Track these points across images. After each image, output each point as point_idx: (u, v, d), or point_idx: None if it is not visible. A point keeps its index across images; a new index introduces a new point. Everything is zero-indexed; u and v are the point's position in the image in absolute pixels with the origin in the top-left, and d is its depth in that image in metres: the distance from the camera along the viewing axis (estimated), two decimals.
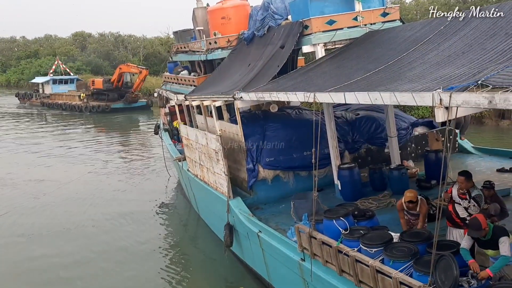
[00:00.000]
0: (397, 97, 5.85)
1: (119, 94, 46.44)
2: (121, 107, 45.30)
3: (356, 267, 6.47)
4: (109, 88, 46.74)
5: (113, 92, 46.56)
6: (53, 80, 55.05)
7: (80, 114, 46.55)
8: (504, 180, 9.76)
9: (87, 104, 46.92)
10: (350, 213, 7.48)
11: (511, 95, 4.32)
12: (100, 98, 47.16)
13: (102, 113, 44.92)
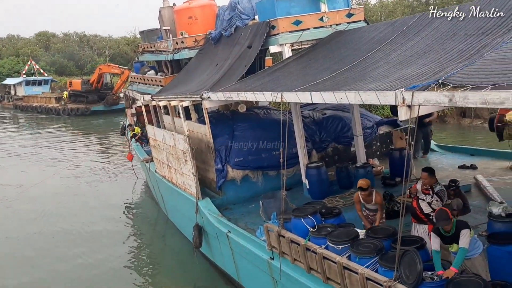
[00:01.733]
0: (362, 96, 5.96)
1: (99, 96, 44.36)
2: (102, 109, 43.30)
3: (324, 264, 6.54)
4: (88, 89, 44.66)
5: (93, 94, 44.55)
6: (26, 81, 52.51)
7: (58, 117, 44.80)
8: (465, 176, 10.07)
9: (64, 106, 44.83)
10: (317, 211, 7.56)
11: (470, 93, 4.46)
12: (79, 101, 45.04)
13: (82, 116, 43.11)
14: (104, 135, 33.74)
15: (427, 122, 11.80)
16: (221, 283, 10.88)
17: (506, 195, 8.44)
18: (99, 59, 66.85)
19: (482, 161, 10.80)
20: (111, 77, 45.50)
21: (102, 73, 43.67)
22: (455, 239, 5.53)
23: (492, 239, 5.82)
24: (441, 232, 5.65)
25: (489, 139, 13.35)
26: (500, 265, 5.70)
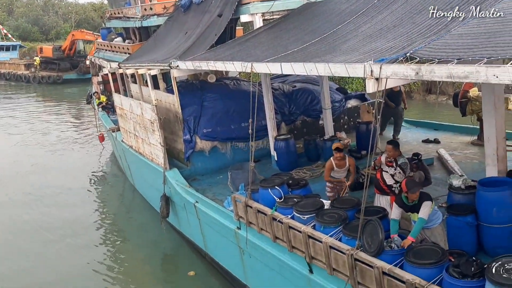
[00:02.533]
0: (331, 68, 5.96)
1: (71, 64, 42.49)
2: (75, 78, 41.47)
3: (289, 234, 6.65)
4: (60, 56, 42.73)
5: (65, 61, 42.68)
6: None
7: (28, 85, 42.88)
8: (428, 150, 10.34)
9: (35, 74, 42.87)
10: (284, 182, 7.64)
11: (436, 67, 4.52)
12: (50, 68, 43.14)
13: (53, 85, 41.43)
14: (76, 104, 32.89)
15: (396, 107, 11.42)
16: (189, 253, 10.96)
17: (466, 169, 8.74)
18: (65, 25, 64.37)
19: (445, 135, 11.08)
20: (84, 44, 43.62)
21: (74, 39, 41.83)
22: (416, 209, 5.70)
23: (451, 210, 6.04)
24: (404, 202, 5.80)
25: (453, 115, 13.70)
26: (458, 235, 5.93)
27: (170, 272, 10.52)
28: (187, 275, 9.77)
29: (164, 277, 10.41)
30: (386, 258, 5.26)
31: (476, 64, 4.20)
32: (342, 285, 5.68)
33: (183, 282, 9.79)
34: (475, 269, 4.56)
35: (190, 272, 9.83)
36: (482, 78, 4.14)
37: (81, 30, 43.43)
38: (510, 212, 5.63)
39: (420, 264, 4.87)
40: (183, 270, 10.25)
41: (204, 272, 9.97)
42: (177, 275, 10.22)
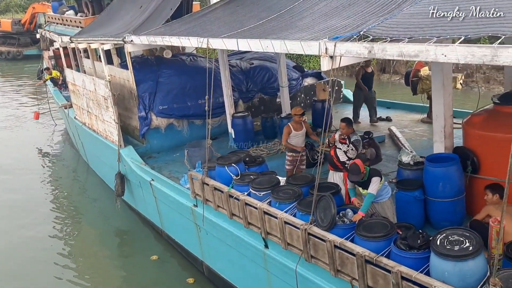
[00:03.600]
0: (287, 45, 5.97)
1: (32, 39, 39.44)
2: (36, 53, 38.19)
3: (246, 210, 6.72)
4: (20, 31, 40.00)
5: (25, 36, 39.97)
6: None
7: None
8: (380, 127, 10.62)
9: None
10: (241, 160, 7.67)
11: (388, 46, 4.60)
12: (9, 43, 40.44)
13: (13, 61, 39.01)
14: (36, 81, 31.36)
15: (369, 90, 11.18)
16: (145, 231, 10.88)
17: (416, 145, 9.05)
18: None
19: (396, 113, 11.40)
20: (45, 18, 41.06)
21: (35, 12, 39.19)
22: (367, 186, 5.87)
23: (400, 185, 6.26)
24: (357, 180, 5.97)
25: (405, 94, 14.07)
26: (406, 209, 6.18)
27: (127, 252, 10.37)
28: (150, 259, 9.58)
29: (121, 257, 10.23)
30: (338, 232, 5.40)
31: (426, 43, 4.31)
32: (296, 259, 5.82)
33: (142, 263, 9.61)
34: (421, 241, 4.76)
35: (153, 256, 9.63)
36: (432, 57, 4.25)
37: (43, 2, 40.88)
38: (455, 187, 5.90)
39: (370, 237, 5.04)
40: (140, 249, 10.16)
41: (164, 252, 9.85)
42: (134, 255, 10.01)
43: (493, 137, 5.69)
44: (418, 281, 4.41)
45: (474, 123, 6.16)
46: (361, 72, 11.29)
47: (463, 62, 4.06)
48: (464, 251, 4.26)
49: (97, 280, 9.36)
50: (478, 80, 18.74)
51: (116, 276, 9.50)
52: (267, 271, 6.68)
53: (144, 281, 9.04)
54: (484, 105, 6.57)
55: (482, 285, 4.16)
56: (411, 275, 4.47)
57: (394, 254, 4.82)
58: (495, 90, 16.77)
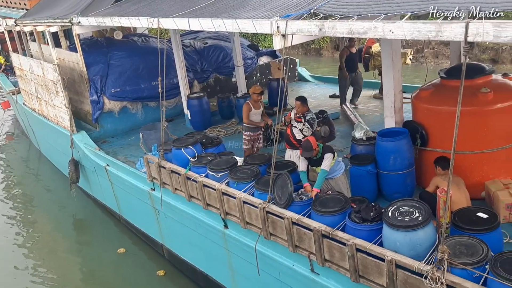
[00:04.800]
0: (239, 24, 5.92)
1: None
2: None
3: (204, 192, 6.71)
4: None
5: None
6: None
7: None
8: (334, 105, 10.79)
9: None
10: (198, 141, 7.62)
11: (338, 23, 4.64)
12: None
13: None
14: None
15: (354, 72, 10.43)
16: (102, 217, 10.70)
17: (369, 121, 9.25)
18: None
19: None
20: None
21: None
22: (321, 163, 5.97)
23: (354, 160, 6.42)
24: (310, 156, 6.06)
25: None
26: (360, 183, 6.35)
27: (88, 243, 10.13)
28: (117, 252, 9.29)
29: (82, 250, 9.93)
30: (295, 209, 5.50)
31: (374, 20, 4.37)
32: (255, 237, 5.89)
33: (107, 256, 9.35)
34: (374, 214, 4.92)
35: (120, 249, 9.34)
36: (380, 33, 4.32)
37: None
38: (405, 160, 6.10)
39: (325, 213, 5.16)
40: (103, 240, 9.93)
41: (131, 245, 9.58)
42: (97, 246, 9.74)
43: (439, 110, 5.90)
44: (372, 252, 4.56)
45: (422, 98, 6.36)
46: (346, 54, 10.41)
47: (409, 38, 4.15)
48: (414, 221, 4.43)
49: (57, 277, 9.00)
50: (427, 55, 19.30)
51: (78, 271, 9.17)
52: (227, 250, 6.74)
53: (110, 276, 8.79)
54: (433, 79, 6.78)
55: (432, 252, 4.36)
56: (365, 247, 4.62)
57: (349, 228, 4.96)
58: (444, 65, 17.32)
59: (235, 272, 6.87)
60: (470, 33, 3.60)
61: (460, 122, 3.80)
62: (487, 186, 5.77)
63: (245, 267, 6.41)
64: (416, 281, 4.22)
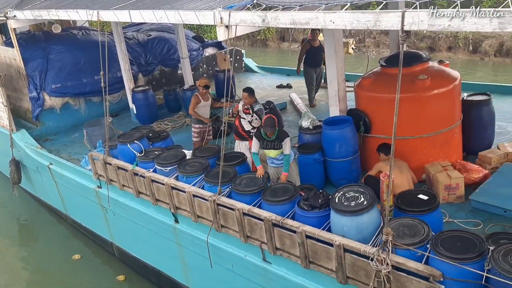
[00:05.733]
0: (182, 15, 5.83)
1: None
2: None
3: (153, 187, 6.61)
4: None
5: None
6: None
7: None
8: (281, 95, 10.90)
9: None
10: (144, 136, 7.47)
11: (280, 14, 4.66)
12: None
13: None
14: None
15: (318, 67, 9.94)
16: (49, 218, 10.31)
17: (315, 110, 9.44)
18: None
19: (296, 80, 11.73)
20: None
21: None
22: (274, 146, 6.02)
23: (301, 149, 6.52)
24: (263, 136, 6.04)
25: None
26: (308, 171, 6.46)
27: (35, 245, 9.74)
28: (72, 259, 8.86)
29: (32, 255, 9.47)
30: (246, 199, 5.52)
31: (316, 10, 4.43)
32: (207, 230, 5.88)
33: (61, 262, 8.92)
34: (322, 201, 5.02)
35: (75, 255, 8.92)
36: (321, 23, 4.38)
37: None
38: (350, 147, 6.27)
39: (275, 202, 5.22)
40: (47, 240, 9.58)
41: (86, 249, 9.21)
42: (49, 252, 9.31)
43: (380, 97, 6.09)
44: (321, 238, 4.67)
45: (363, 86, 6.54)
46: (306, 48, 9.86)
47: (349, 27, 4.24)
48: (359, 206, 4.57)
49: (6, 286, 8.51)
50: (369, 45, 19.85)
51: (31, 280, 8.70)
52: (179, 245, 6.69)
53: (67, 284, 8.34)
54: (374, 68, 6.97)
55: (377, 235, 4.51)
56: (314, 233, 4.71)
57: (298, 215, 5.04)
58: (384, 53, 17.88)
59: (187, 266, 6.84)
60: (406, 22, 3.71)
61: (400, 108, 3.94)
62: (427, 168, 6.04)
63: (197, 261, 6.38)
64: (363, 264, 4.36)
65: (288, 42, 23.47)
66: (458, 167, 6.01)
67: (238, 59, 13.33)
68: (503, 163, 6.12)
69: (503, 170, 5.90)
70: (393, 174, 4.91)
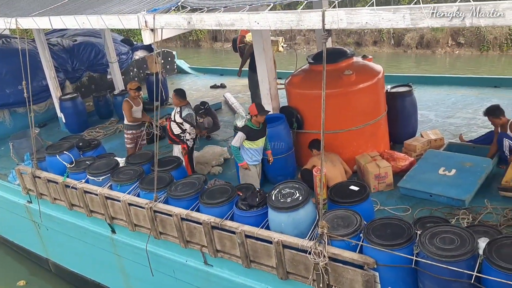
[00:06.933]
0: (105, 20, 5.66)
1: None
2: None
3: (86, 198, 6.38)
4: None
5: None
6: None
7: None
8: (216, 95, 10.89)
9: None
10: (74, 145, 7.21)
11: (205, 16, 4.65)
12: None
13: None
14: None
15: None
16: None
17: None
18: None
19: (230, 80, 11.77)
20: None
21: None
22: (263, 134, 6.01)
23: None
24: (252, 128, 5.95)
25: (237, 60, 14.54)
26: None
27: None
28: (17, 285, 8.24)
29: None
30: (183, 204, 5.46)
31: (240, 11, 4.46)
32: (145, 239, 5.76)
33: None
34: (259, 199, 5.06)
35: (20, 281, 8.28)
36: (246, 24, 4.42)
37: None
38: (284, 144, 6.38)
39: (212, 204, 5.21)
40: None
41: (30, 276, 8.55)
42: None
43: (309, 94, 6.24)
44: (260, 236, 4.71)
45: (293, 83, 6.67)
46: (250, 51, 8.95)
47: (274, 28, 4.30)
48: (295, 201, 4.65)
49: None
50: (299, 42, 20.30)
51: None
52: (117, 256, 6.51)
53: None
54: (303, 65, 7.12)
55: (313, 229, 4.63)
56: (253, 232, 4.75)
57: (237, 216, 5.06)
58: (315, 50, 18.35)
59: (128, 276, 6.67)
60: (326, 21, 3.83)
61: (329, 103, 4.07)
62: (357, 160, 6.28)
63: (138, 270, 6.24)
64: (302, 258, 4.45)
65: (221, 42, 23.48)
66: (386, 157, 6.29)
67: (169, 60, 13.14)
68: (426, 150, 6.48)
69: (427, 156, 6.24)
70: (326, 168, 5.08)
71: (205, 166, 7.45)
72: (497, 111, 6.06)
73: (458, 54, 18.25)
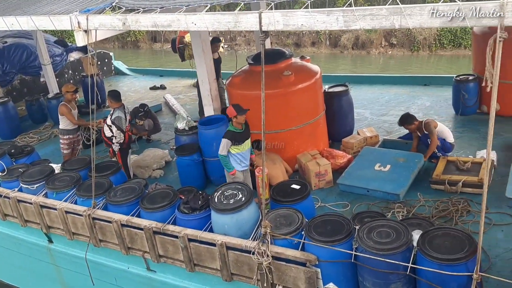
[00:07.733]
0: (35, 21, 5.40)
1: None
2: None
3: (20, 208, 6.08)
4: None
5: None
6: None
7: None
8: (155, 96, 10.70)
9: None
10: (5, 152, 6.86)
11: (141, 17, 4.54)
12: None
13: None
14: None
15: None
16: None
17: (191, 110, 9.42)
18: None
19: (170, 81, 11.61)
20: None
21: None
22: (246, 135, 5.68)
23: (179, 151, 6.48)
24: (235, 132, 5.60)
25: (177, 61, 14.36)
26: (188, 172, 6.44)
27: None
28: None
29: None
30: (123, 210, 5.31)
31: (177, 12, 4.40)
32: (85, 247, 5.56)
33: None
34: (202, 202, 5.02)
35: None
36: (183, 26, 4.37)
37: None
38: None
39: (154, 209, 5.11)
40: None
41: None
42: None
43: (249, 95, 6.26)
44: (203, 239, 4.68)
45: (234, 84, 6.68)
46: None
47: (211, 29, 4.28)
48: (238, 203, 4.66)
49: None
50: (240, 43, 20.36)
51: None
52: (55, 266, 6.24)
53: None
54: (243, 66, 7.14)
55: (256, 229, 4.65)
56: (196, 235, 4.71)
57: (180, 219, 4.99)
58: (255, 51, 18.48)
59: (67, 286, 6.42)
60: (263, 22, 3.86)
61: (268, 104, 4.11)
62: (298, 159, 6.39)
63: (77, 280, 6.02)
64: (246, 259, 4.47)
65: (161, 43, 23.09)
66: (325, 155, 6.46)
67: (106, 62, 12.76)
68: (363, 147, 6.72)
69: (363, 153, 6.47)
70: (267, 167, 5.11)
71: (145, 169, 7.29)
72: (409, 119, 6.41)
73: (391, 54, 19.05)
